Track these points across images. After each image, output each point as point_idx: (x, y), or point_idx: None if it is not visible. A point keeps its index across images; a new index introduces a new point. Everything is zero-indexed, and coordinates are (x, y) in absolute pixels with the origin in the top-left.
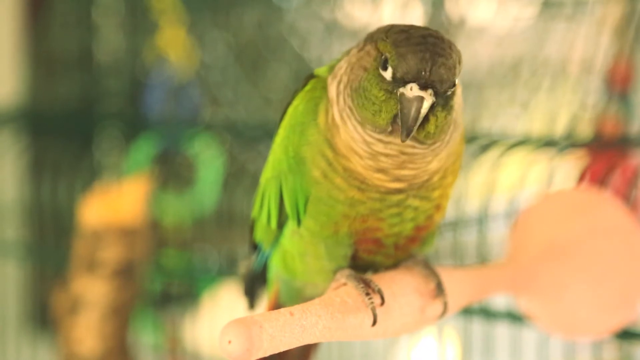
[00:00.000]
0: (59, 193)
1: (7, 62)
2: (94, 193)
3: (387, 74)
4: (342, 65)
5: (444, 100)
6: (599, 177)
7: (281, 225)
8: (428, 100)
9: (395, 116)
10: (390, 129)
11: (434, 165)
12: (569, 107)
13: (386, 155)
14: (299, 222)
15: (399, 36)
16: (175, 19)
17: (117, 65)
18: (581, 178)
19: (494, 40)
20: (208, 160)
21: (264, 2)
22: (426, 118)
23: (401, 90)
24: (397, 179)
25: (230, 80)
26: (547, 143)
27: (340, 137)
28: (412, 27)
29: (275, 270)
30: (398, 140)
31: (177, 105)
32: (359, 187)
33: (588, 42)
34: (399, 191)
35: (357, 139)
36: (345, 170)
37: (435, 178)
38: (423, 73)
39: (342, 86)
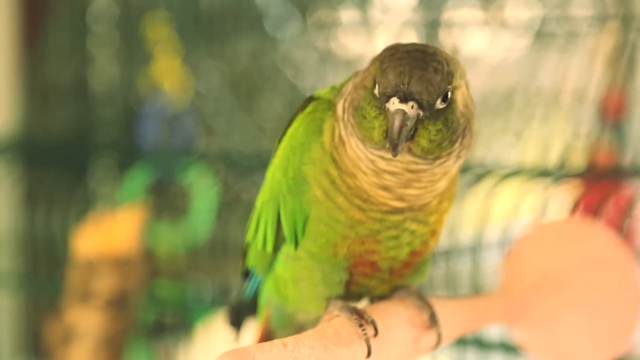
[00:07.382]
0: (53, 223)
1: (1, 91)
2: (88, 223)
3: (376, 91)
4: (349, 86)
5: (434, 113)
6: (593, 207)
7: (276, 249)
8: (410, 112)
9: (386, 131)
10: (386, 145)
11: (442, 184)
12: (562, 136)
13: (390, 173)
14: (296, 244)
15: (386, 53)
16: (169, 49)
17: (112, 95)
18: (575, 208)
19: (487, 70)
20: (202, 190)
21: (258, 32)
22: (416, 132)
23: (387, 105)
24: (401, 198)
25: (225, 109)
26: (541, 173)
27: (347, 154)
28: (403, 44)
29: (267, 296)
30: (400, 157)
31: (171, 134)
32: (360, 207)
33: (581, 72)
34: (399, 211)
35: (361, 157)
36: (348, 189)
37: (434, 202)
38: (401, 86)
39: (346, 104)
